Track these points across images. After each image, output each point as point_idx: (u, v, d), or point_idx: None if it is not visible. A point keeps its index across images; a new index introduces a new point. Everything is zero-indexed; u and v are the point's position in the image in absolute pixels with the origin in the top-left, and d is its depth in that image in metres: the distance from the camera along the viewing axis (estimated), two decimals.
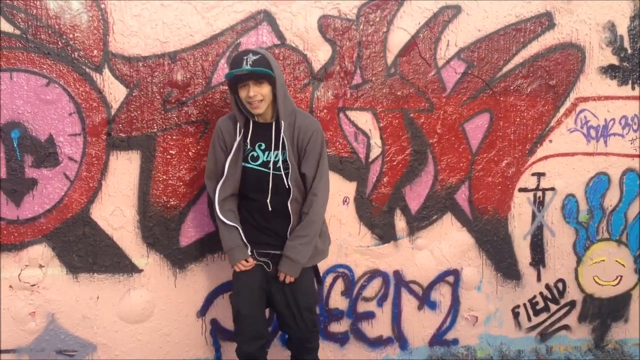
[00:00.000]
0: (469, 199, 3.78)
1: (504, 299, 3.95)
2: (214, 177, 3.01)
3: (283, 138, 2.89)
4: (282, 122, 2.88)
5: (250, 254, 2.98)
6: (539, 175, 3.86)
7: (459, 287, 3.85)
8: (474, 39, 3.64)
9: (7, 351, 3.18)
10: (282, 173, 2.89)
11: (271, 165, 2.89)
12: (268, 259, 2.99)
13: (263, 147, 2.93)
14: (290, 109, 2.93)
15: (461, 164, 3.73)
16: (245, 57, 2.73)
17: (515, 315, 4.00)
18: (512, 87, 3.73)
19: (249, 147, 2.94)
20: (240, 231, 2.97)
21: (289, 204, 2.91)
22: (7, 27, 2.97)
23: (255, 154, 2.94)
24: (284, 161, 2.90)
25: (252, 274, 3.00)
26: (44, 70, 3.04)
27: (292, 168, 2.89)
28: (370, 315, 3.74)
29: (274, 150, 2.91)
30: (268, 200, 2.91)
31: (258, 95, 2.77)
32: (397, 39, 3.53)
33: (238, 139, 2.91)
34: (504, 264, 3.90)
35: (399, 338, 3.81)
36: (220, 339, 3.51)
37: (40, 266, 3.16)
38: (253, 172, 2.93)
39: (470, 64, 3.65)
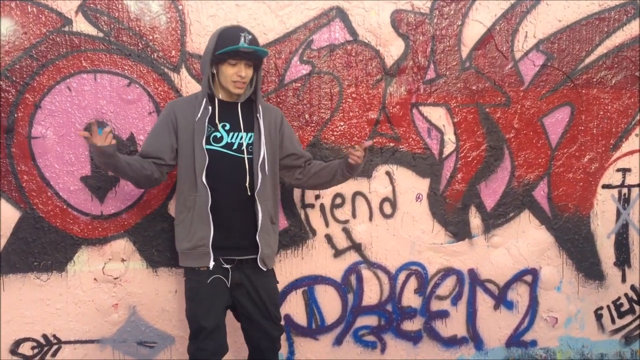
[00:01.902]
0: (548, 196, 3.65)
1: (586, 300, 3.79)
2: (147, 153, 2.76)
3: (260, 121, 2.76)
4: (260, 105, 2.78)
5: (213, 262, 2.73)
6: (625, 171, 3.69)
7: (538, 287, 3.73)
8: (554, 30, 3.51)
9: (92, 341, 3.32)
10: (252, 157, 2.74)
11: (235, 148, 2.73)
12: (232, 265, 2.78)
13: (227, 127, 2.75)
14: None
15: (540, 160, 3.61)
16: (242, 34, 2.63)
17: (598, 317, 3.83)
18: (595, 79, 3.57)
19: (211, 127, 2.74)
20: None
21: (256, 196, 2.72)
22: (91, 30, 3.10)
23: (218, 135, 2.74)
24: (250, 144, 2.76)
25: (214, 285, 2.76)
26: (125, 71, 3.15)
27: (264, 153, 2.74)
28: (444, 314, 3.68)
29: (241, 132, 2.75)
30: (247, 184, 2.72)
31: (247, 77, 2.69)
32: (473, 32, 3.45)
33: (199, 117, 2.70)
34: (586, 264, 3.75)
35: (474, 338, 3.72)
36: (293, 334, 3.53)
37: (123, 260, 3.28)
38: (217, 155, 2.72)
39: (549, 56, 3.52)
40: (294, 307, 3.52)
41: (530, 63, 3.52)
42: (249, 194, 2.74)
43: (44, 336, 3.26)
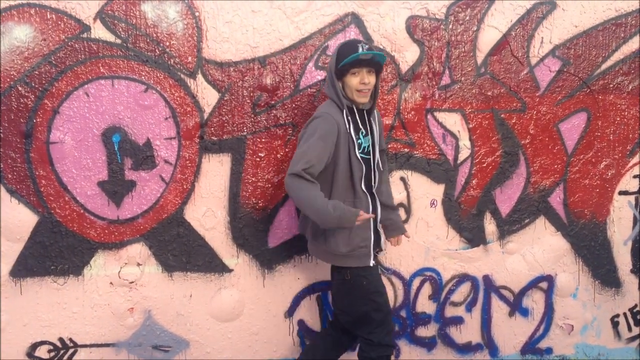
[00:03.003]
0: (564, 202, 3.63)
1: (602, 308, 3.76)
2: (317, 170, 2.78)
3: (372, 125, 2.97)
4: (375, 110, 3.01)
5: (373, 262, 2.95)
6: None
7: (553, 294, 3.71)
8: (570, 36, 3.50)
9: (107, 345, 3.35)
10: (375, 158, 2.98)
11: (367, 150, 2.93)
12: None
13: (363, 133, 2.91)
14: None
15: (556, 166, 3.59)
16: (359, 44, 2.78)
17: (615, 324, 3.80)
18: (611, 85, 3.55)
19: (355, 135, 2.89)
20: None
21: (375, 193, 3.01)
22: (109, 37, 3.13)
23: (360, 142, 2.90)
24: (371, 146, 2.95)
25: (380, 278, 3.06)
26: (143, 77, 3.18)
27: (377, 153, 2.98)
28: (458, 321, 3.66)
29: (367, 135, 2.94)
30: (372, 183, 2.99)
31: (370, 84, 2.82)
32: (488, 37, 3.44)
33: (348, 127, 2.86)
34: (602, 271, 3.72)
35: (489, 345, 3.70)
36: (307, 339, 3.53)
37: (138, 264, 3.30)
38: (363, 161, 2.91)
39: (565, 62, 3.51)
40: (308, 313, 3.53)
41: (546, 69, 3.51)
42: (372, 191, 2.98)
43: (61, 339, 3.29)
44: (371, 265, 2.93)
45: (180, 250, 3.33)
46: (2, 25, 3.03)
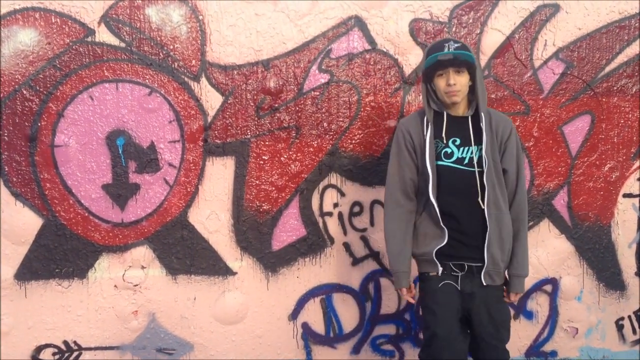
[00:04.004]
0: (568, 205, 3.62)
1: (607, 311, 3.75)
2: (400, 189, 2.78)
3: (483, 131, 2.68)
4: (483, 114, 2.69)
5: (442, 269, 2.73)
6: None
7: (558, 297, 3.69)
8: (574, 38, 3.49)
9: (112, 348, 3.35)
10: (483, 170, 2.66)
11: (467, 162, 2.69)
12: (463, 273, 2.73)
13: (458, 142, 2.71)
14: (486, 102, 2.78)
15: (559, 169, 3.59)
16: (446, 44, 2.62)
17: (619, 327, 3.78)
18: (615, 88, 3.55)
19: (441, 143, 2.72)
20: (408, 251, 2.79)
21: (485, 208, 2.66)
22: (113, 40, 3.14)
23: (449, 151, 2.71)
24: (480, 157, 2.68)
25: (444, 291, 2.73)
26: (147, 81, 3.19)
27: (490, 165, 2.66)
28: None
29: (472, 145, 2.70)
30: (480, 199, 2.66)
31: (458, 84, 2.61)
32: (491, 40, 3.44)
33: (429, 134, 2.70)
34: (607, 274, 3.71)
35: None
36: (311, 342, 3.53)
37: (142, 267, 3.31)
38: (449, 171, 2.70)
39: (569, 64, 3.50)
40: (312, 315, 3.52)
41: (550, 71, 3.51)
42: (482, 207, 2.67)
43: (65, 342, 3.29)
44: (434, 274, 2.75)
45: (184, 253, 3.33)
46: (7, 29, 3.04)
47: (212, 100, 3.26)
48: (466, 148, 2.70)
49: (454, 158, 2.70)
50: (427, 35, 3.38)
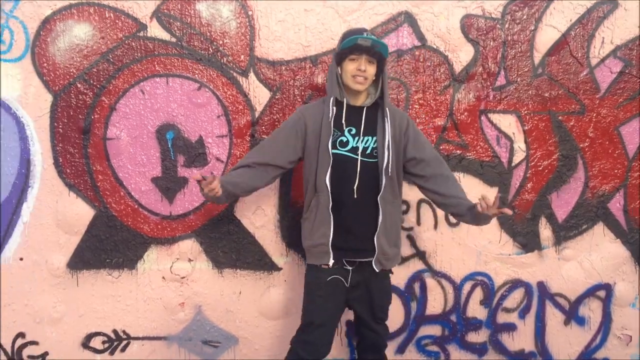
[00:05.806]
0: (624, 209, 3.49)
1: None
2: (263, 159, 2.78)
3: (386, 123, 2.72)
4: (387, 107, 2.75)
5: (333, 262, 2.74)
6: None
7: (611, 303, 3.56)
8: (633, 36, 3.36)
9: (159, 338, 3.41)
10: (377, 161, 2.71)
11: (360, 152, 2.71)
12: (354, 267, 2.78)
13: (353, 132, 2.74)
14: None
15: (616, 171, 3.46)
16: (364, 32, 2.67)
17: None
18: None
19: (337, 131, 2.74)
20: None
21: (379, 200, 2.71)
22: (164, 35, 3.19)
23: (344, 139, 2.74)
24: (374, 149, 2.74)
25: (332, 284, 2.77)
26: (196, 75, 3.23)
27: (388, 157, 2.70)
28: (511, 327, 3.57)
29: (366, 135, 2.74)
30: (355, 187, 2.69)
31: (368, 72, 2.65)
32: (546, 37, 3.34)
33: (330, 120, 2.71)
34: None
35: (543, 353, 3.59)
36: (355, 340, 3.51)
37: (190, 260, 3.35)
38: (342, 159, 2.72)
39: (627, 63, 3.37)
40: None
41: (607, 70, 3.38)
42: (373, 197, 2.73)
43: (114, 331, 3.37)
44: (325, 266, 2.77)
45: (230, 247, 3.36)
46: (62, 23, 3.13)
47: (260, 95, 3.27)
48: (361, 138, 2.73)
49: (349, 147, 2.73)
50: (478, 31, 3.31)
